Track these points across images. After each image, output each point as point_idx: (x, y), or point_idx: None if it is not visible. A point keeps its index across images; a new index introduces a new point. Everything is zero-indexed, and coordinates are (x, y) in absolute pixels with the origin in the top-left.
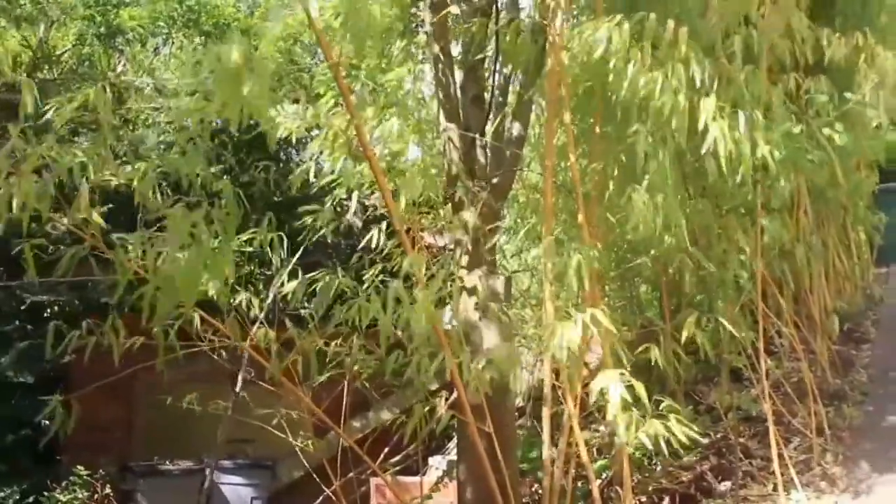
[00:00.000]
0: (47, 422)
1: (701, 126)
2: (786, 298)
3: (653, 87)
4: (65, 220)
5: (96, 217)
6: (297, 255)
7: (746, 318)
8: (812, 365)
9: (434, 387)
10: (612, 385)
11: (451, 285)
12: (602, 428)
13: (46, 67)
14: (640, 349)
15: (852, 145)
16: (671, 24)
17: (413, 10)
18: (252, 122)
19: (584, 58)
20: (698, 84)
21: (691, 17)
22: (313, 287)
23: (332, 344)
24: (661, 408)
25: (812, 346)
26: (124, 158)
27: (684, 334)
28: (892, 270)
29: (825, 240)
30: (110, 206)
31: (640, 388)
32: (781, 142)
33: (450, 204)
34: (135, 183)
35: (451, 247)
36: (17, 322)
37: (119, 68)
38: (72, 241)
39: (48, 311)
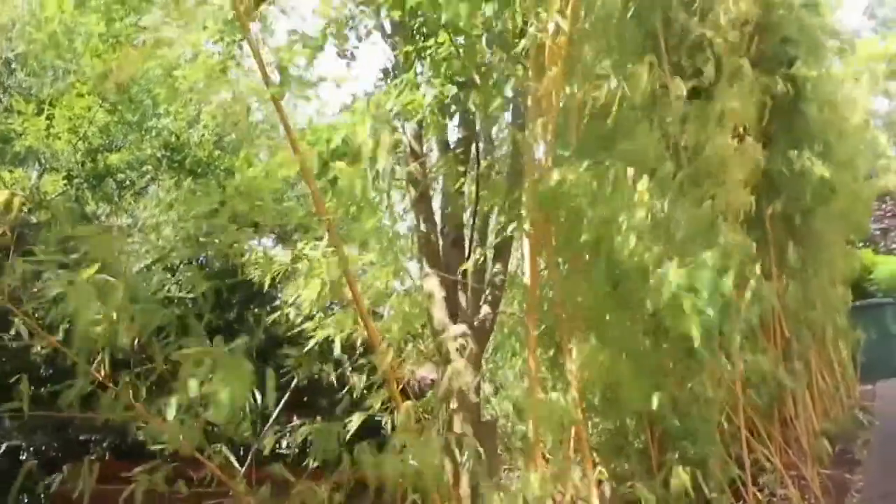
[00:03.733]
0: None
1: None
2: (771, 424)
3: (613, 232)
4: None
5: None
6: (286, 395)
7: (731, 450)
8: (804, 492)
9: None
10: None
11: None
12: None
13: (38, 211)
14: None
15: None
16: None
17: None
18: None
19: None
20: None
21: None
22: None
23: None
24: None
25: (803, 472)
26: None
27: (672, 481)
28: (879, 387)
29: (807, 361)
30: None
31: None
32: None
33: (432, 344)
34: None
35: (435, 381)
36: None
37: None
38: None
39: (24, 454)
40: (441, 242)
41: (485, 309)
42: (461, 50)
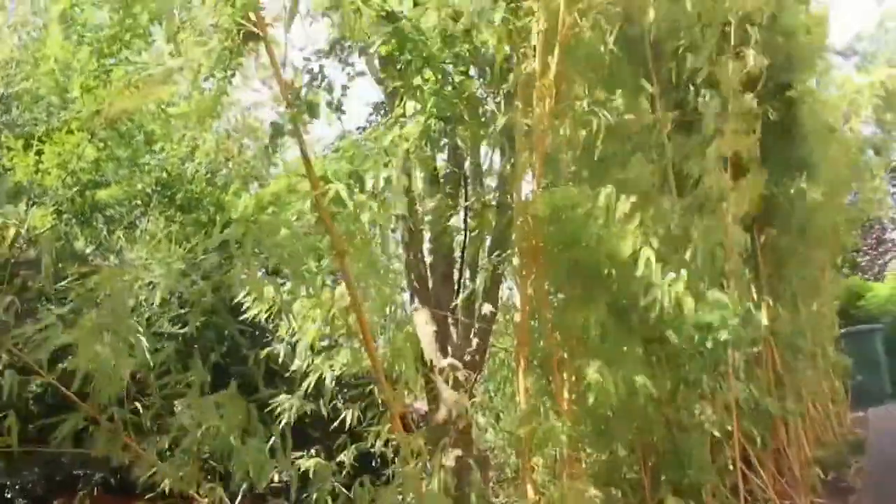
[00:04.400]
0: None
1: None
2: (764, 453)
3: (615, 243)
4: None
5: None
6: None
7: (725, 480)
8: None
9: None
10: None
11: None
12: None
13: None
14: None
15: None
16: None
17: None
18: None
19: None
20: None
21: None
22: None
23: None
24: None
25: (796, 501)
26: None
27: None
28: (871, 414)
29: (798, 388)
30: None
31: None
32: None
33: (424, 380)
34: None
35: (425, 412)
36: None
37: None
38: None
39: (8, 492)
40: (430, 276)
41: (475, 341)
42: (449, 86)
